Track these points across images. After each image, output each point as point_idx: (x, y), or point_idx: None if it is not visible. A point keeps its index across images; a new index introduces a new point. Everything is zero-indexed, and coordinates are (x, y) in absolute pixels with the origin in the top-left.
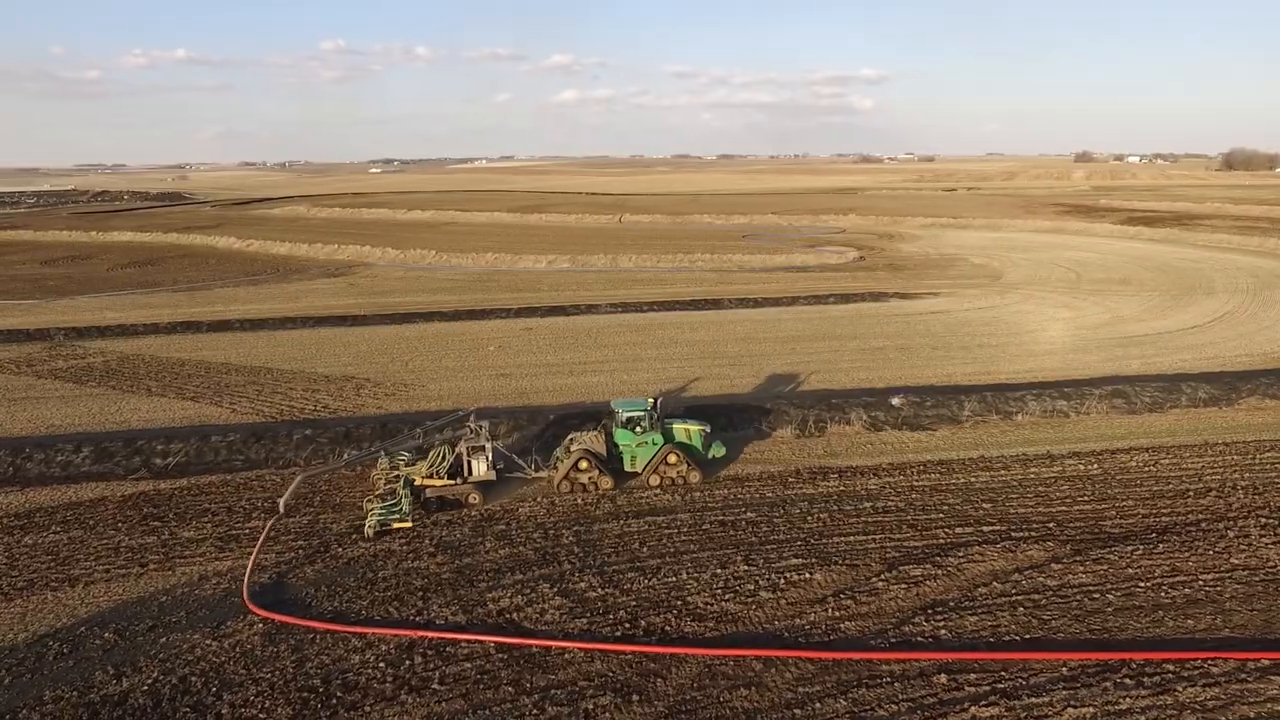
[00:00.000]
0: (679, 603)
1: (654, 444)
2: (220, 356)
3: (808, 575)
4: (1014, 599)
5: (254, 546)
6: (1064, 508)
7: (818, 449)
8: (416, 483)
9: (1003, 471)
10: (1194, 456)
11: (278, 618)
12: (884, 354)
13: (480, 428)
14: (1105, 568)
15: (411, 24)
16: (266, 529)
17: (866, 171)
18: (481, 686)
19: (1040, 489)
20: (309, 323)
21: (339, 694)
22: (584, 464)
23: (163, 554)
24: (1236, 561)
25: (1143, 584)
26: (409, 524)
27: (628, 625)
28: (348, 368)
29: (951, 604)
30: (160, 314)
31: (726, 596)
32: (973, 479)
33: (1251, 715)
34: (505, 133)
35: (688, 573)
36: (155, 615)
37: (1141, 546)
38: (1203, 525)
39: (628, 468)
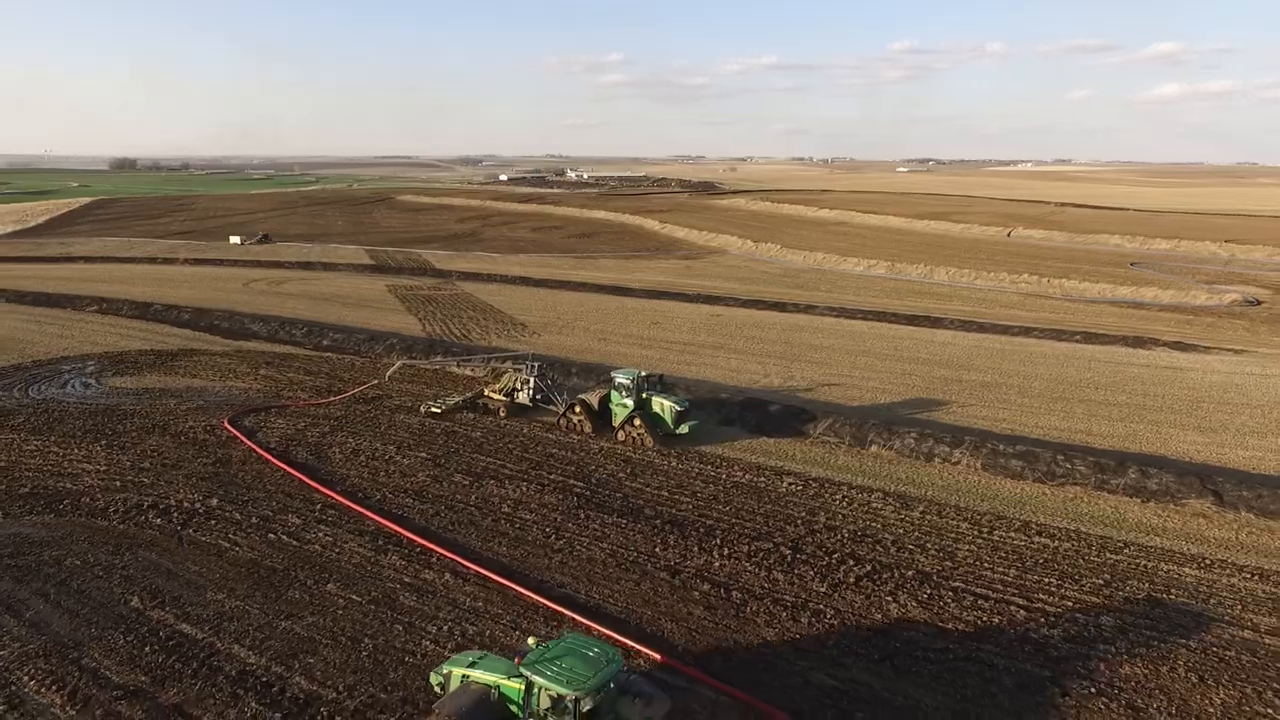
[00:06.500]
0: (332, 452)
1: (626, 407)
2: (495, 300)
3: (412, 464)
4: (456, 501)
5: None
6: (669, 495)
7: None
8: (485, 392)
9: (708, 468)
10: (929, 514)
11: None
12: (953, 386)
13: (533, 367)
14: (560, 517)
15: (986, 20)
16: (367, 385)
17: None
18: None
19: (692, 483)
20: (591, 289)
21: (151, 423)
22: (577, 408)
23: (234, 375)
24: (661, 552)
25: (543, 528)
26: (439, 411)
27: (302, 453)
28: (529, 318)
29: (435, 495)
30: (546, 271)
31: (359, 461)
32: (673, 465)
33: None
34: (1068, 133)
35: (376, 442)
36: (182, 395)
37: (636, 523)
38: (719, 532)
39: (613, 422)
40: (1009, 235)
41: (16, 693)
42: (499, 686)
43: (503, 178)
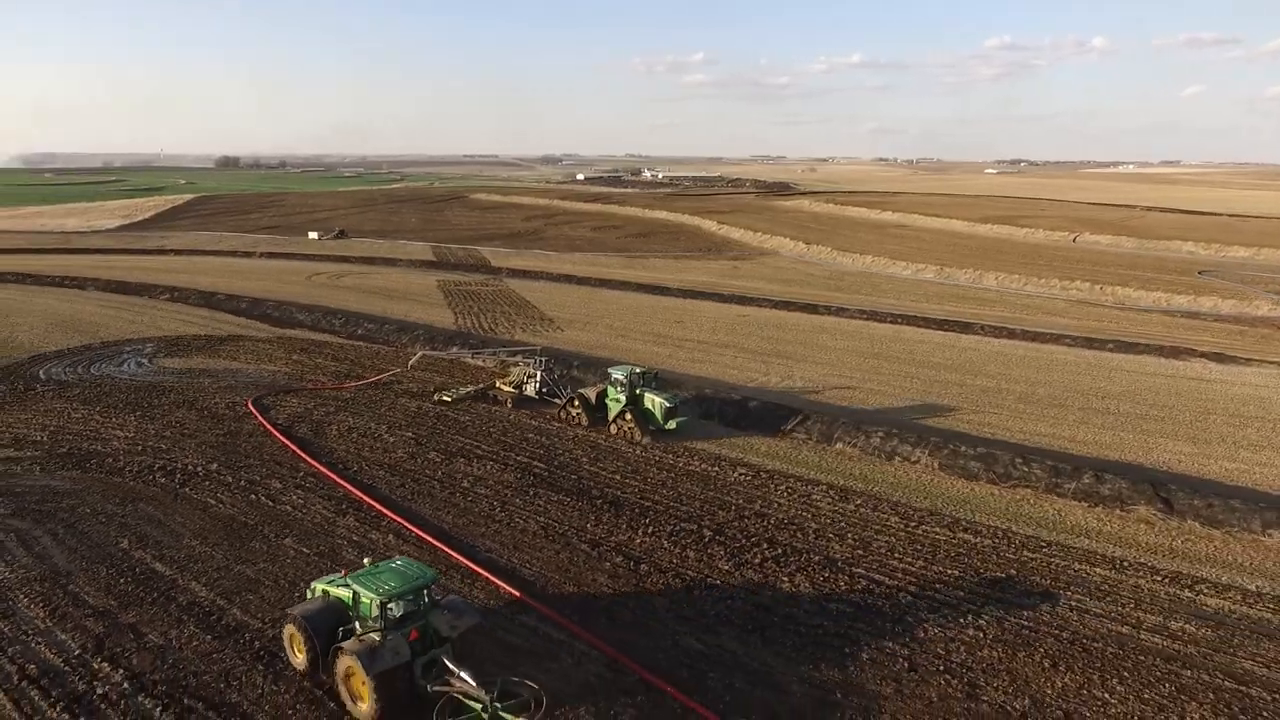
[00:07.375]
0: (331, 429)
1: (619, 402)
2: (533, 297)
3: (396, 442)
4: (424, 475)
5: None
6: (621, 479)
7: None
8: (496, 384)
9: (668, 457)
10: (863, 508)
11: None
12: (954, 390)
13: (539, 363)
14: (510, 493)
15: (1090, 15)
16: (389, 373)
17: None
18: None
19: (646, 470)
20: (631, 288)
21: (164, 391)
22: (575, 402)
23: (270, 359)
24: (591, 528)
25: (491, 501)
26: (449, 400)
27: (303, 428)
28: (559, 314)
29: (407, 469)
30: (593, 270)
31: (351, 438)
32: (636, 453)
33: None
34: (1179, 133)
35: (372, 422)
36: (218, 375)
37: (579, 501)
38: (653, 513)
39: (609, 416)
40: (1074, 240)
41: (11, 607)
42: (328, 593)
43: (580, 177)
